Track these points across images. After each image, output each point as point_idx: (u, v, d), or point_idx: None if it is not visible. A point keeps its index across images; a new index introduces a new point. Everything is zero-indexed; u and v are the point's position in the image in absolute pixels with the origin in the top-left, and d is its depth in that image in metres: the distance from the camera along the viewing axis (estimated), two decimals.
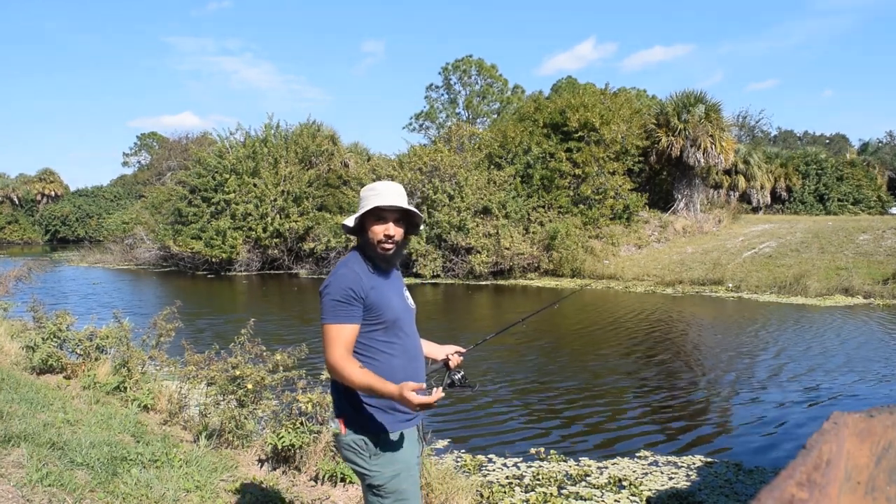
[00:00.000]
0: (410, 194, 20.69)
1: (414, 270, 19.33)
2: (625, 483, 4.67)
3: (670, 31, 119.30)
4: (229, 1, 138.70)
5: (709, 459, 5.15)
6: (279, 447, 4.06)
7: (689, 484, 4.67)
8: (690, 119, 23.60)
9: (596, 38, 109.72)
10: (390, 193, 2.20)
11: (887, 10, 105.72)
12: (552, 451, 5.32)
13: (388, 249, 2.19)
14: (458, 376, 2.53)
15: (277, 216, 23.62)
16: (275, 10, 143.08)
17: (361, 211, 2.19)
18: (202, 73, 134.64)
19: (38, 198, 53.35)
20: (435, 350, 2.56)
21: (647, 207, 24.08)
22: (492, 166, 21.97)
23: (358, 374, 2.04)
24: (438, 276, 19.63)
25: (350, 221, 2.23)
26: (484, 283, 18.99)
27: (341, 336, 2.10)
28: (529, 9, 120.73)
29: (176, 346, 6.35)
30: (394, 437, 2.15)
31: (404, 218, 2.23)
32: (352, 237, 2.35)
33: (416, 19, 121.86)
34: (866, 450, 0.92)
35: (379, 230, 2.17)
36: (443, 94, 38.86)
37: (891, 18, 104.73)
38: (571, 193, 21.97)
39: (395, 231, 2.19)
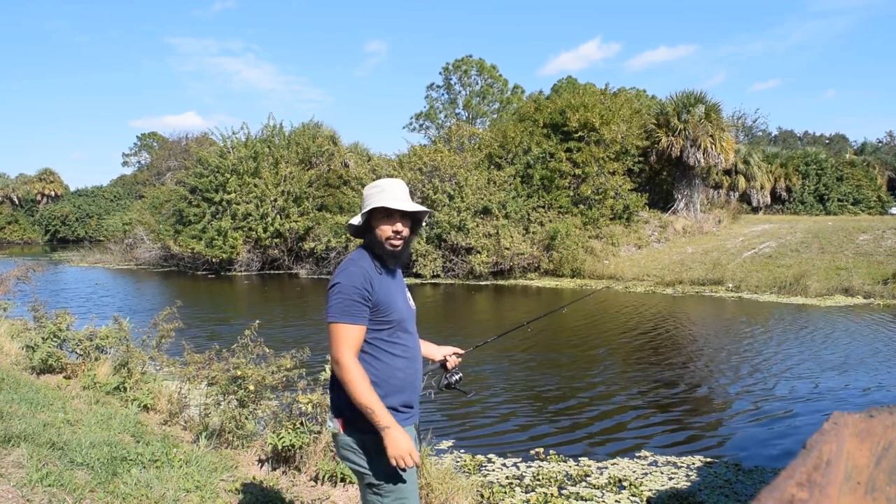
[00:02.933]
0: (410, 194, 20.66)
1: (414, 270, 19.33)
2: (625, 483, 4.67)
3: (675, 31, 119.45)
4: (233, 1, 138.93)
5: (708, 459, 5.15)
6: (279, 447, 4.06)
7: (689, 484, 4.67)
8: (690, 119, 23.60)
9: (601, 37, 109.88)
10: (397, 192, 2.21)
11: (886, 10, 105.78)
12: (552, 452, 5.32)
13: (397, 246, 2.20)
14: (455, 378, 2.53)
15: (278, 216, 23.63)
16: (275, 11, 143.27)
17: (368, 207, 2.19)
18: (204, 74, 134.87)
19: (38, 198, 53.36)
20: (433, 350, 2.56)
21: (647, 207, 24.08)
22: (492, 166, 21.97)
23: (365, 388, 2.02)
24: (438, 276, 19.63)
25: (357, 220, 2.22)
26: (484, 283, 18.99)
27: (351, 336, 2.07)
28: (536, 9, 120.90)
29: (177, 347, 6.35)
30: None
31: (410, 214, 2.25)
32: (354, 238, 2.35)
33: (419, 20, 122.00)
34: (866, 450, 0.92)
35: (387, 228, 2.18)
36: (443, 94, 38.87)
37: (890, 18, 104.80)
38: (571, 193, 21.97)
39: (403, 228, 2.21)
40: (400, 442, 1.99)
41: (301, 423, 4.15)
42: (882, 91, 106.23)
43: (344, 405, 2.14)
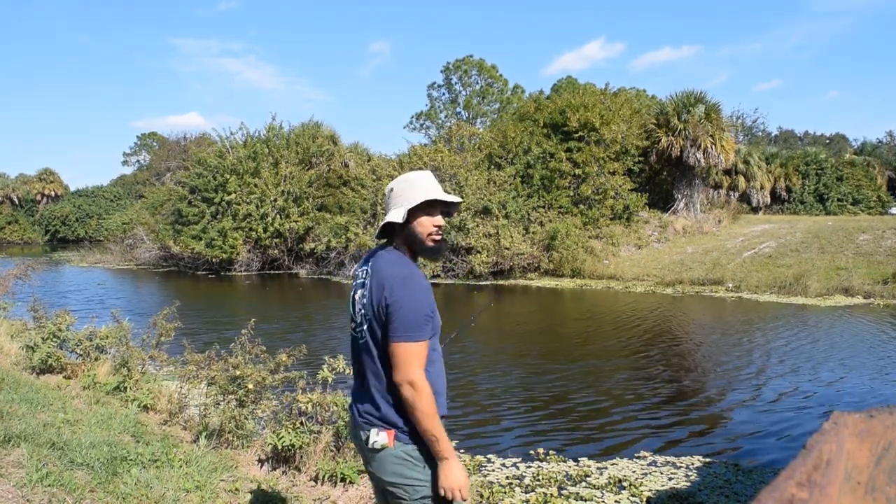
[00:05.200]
0: None
1: None
2: (625, 483, 4.67)
3: (678, 31, 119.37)
4: (236, 1, 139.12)
5: (708, 460, 5.15)
6: (279, 447, 4.06)
7: (688, 484, 4.67)
8: (690, 119, 23.60)
9: (605, 37, 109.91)
10: (435, 183, 2.11)
11: (885, 11, 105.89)
12: (552, 452, 5.32)
13: (438, 240, 2.11)
14: None
15: (278, 216, 23.63)
16: (276, 12, 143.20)
17: (416, 201, 2.04)
18: (206, 75, 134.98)
19: (38, 198, 53.35)
20: None
21: (647, 207, 24.07)
22: (492, 166, 21.97)
23: (435, 413, 1.92)
24: (439, 276, 19.64)
25: (399, 217, 2.05)
26: (484, 283, 18.99)
27: (423, 355, 1.95)
28: (542, 9, 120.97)
29: (177, 346, 6.35)
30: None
31: (443, 207, 2.15)
32: (379, 239, 2.17)
33: (423, 21, 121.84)
34: (866, 450, 0.92)
35: (428, 222, 2.07)
36: (444, 94, 38.88)
37: (889, 19, 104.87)
38: (571, 193, 21.97)
39: (443, 220, 2.11)
40: (458, 475, 1.90)
41: (301, 423, 4.15)
42: (882, 91, 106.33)
43: (395, 416, 2.00)
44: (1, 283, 10.34)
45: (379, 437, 2.00)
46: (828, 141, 61.81)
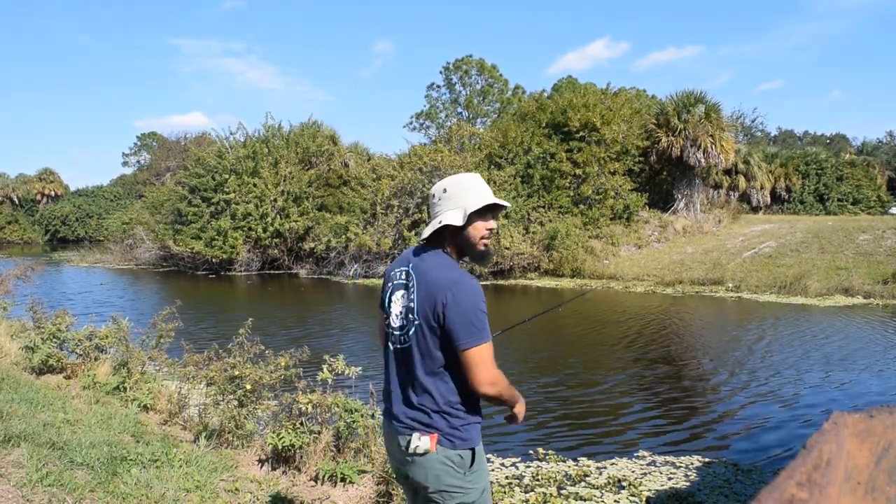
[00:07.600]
0: (410, 194, 20.69)
1: None
2: (624, 483, 4.67)
3: (682, 31, 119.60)
4: (241, 1, 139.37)
5: (707, 459, 5.15)
6: (279, 447, 4.06)
7: (688, 484, 4.67)
8: (690, 119, 23.61)
9: (610, 37, 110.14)
10: (487, 188, 2.13)
11: (885, 11, 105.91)
12: (551, 452, 5.32)
13: (488, 244, 2.13)
14: None
15: (277, 216, 23.63)
16: (276, 12, 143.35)
17: (475, 207, 2.03)
18: (207, 75, 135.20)
19: (38, 198, 53.36)
20: None
21: (647, 207, 24.07)
22: (492, 166, 21.97)
23: (513, 392, 2.08)
24: None
25: (459, 219, 2.03)
26: (484, 282, 18.98)
27: (492, 351, 2.00)
28: (547, 8, 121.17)
29: (178, 347, 6.35)
30: (482, 448, 2.09)
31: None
32: (425, 241, 2.11)
33: (426, 21, 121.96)
34: (866, 450, 0.92)
35: (482, 226, 2.08)
36: (444, 94, 38.86)
37: (889, 19, 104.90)
38: (572, 193, 21.97)
39: (495, 225, 2.13)
40: (520, 410, 2.17)
41: (301, 423, 4.15)
42: (883, 91, 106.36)
43: (438, 420, 1.98)
44: (1, 283, 10.34)
45: (421, 442, 1.98)
46: (828, 141, 61.79)
